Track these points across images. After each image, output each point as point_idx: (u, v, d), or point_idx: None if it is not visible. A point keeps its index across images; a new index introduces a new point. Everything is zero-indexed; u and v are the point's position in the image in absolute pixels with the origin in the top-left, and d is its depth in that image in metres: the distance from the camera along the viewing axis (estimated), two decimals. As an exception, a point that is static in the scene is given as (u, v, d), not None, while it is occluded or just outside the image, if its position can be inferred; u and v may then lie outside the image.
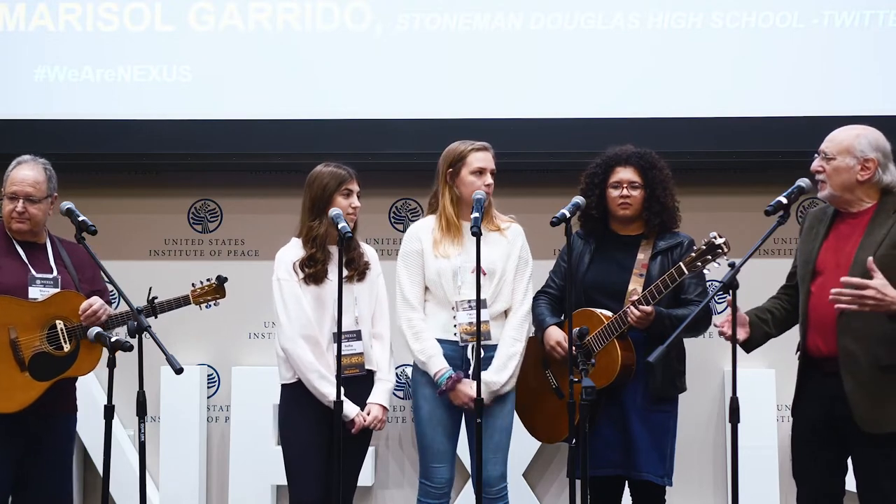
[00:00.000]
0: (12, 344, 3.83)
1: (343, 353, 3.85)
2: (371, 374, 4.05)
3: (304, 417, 3.95)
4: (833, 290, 3.44)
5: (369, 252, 4.15)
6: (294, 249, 4.04)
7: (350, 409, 3.92)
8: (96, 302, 3.94)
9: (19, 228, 3.96)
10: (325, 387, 3.89)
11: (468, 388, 3.94)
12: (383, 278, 4.15)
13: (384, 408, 4.03)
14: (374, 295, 4.09)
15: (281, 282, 3.99)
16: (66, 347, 3.91)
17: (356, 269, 4.03)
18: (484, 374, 3.94)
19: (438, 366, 4.00)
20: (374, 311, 4.09)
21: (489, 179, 4.05)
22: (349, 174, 4.04)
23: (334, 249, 3.95)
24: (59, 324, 3.90)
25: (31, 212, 3.93)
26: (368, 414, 3.98)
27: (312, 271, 3.97)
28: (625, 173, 4.09)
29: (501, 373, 4.01)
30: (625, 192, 4.07)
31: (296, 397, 3.97)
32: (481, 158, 4.07)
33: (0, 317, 3.82)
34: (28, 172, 3.96)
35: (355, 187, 4.04)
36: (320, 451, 3.92)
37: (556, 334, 4.10)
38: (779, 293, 3.87)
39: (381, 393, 4.04)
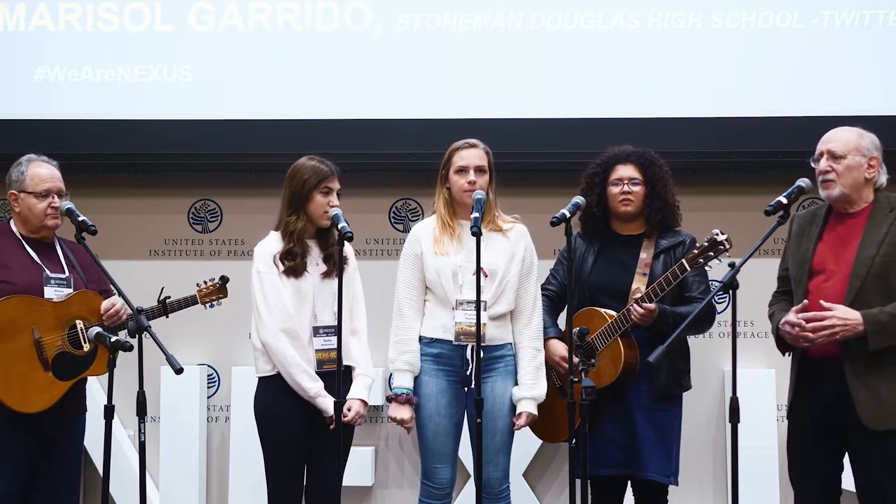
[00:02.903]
0: (36, 344, 3.83)
1: (321, 347, 3.87)
2: (349, 369, 4.03)
3: (285, 413, 3.91)
4: (798, 335, 3.53)
5: (345, 248, 4.12)
6: (273, 243, 4.00)
7: (329, 404, 3.87)
8: (118, 302, 3.94)
9: (55, 225, 3.96)
10: (307, 381, 3.87)
11: (405, 412, 3.98)
12: (359, 274, 4.13)
13: (364, 402, 4.02)
14: (351, 290, 4.06)
15: (261, 274, 3.95)
16: (86, 347, 3.91)
17: (334, 264, 4.01)
18: (521, 392, 3.99)
19: (400, 381, 4.02)
20: (350, 306, 4.07)
21: (472, 177, 4.02)
22: (331, 171, 4.00)
23: (313, 244, 3.97)
24: (79, 324, 3.91)
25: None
26: (349, 409, 3.95)
27: (291, 265, 3.94)
28: (625, 170, 4.10)
29: (537, 386, 4.03)
30: (626, 188, 4.08)
31: (274, 391, 3.93)
32: (463, 157, 4.06)
33: (25, 317, 3.82)
34: (52, 169, 3.98)
35: (336, 185, 4.00)
36: (300, 448, 3.91)
37: (559, 348, 4.11)
38: (780, 300, 3.84)
39: (361, 388, 4.02)
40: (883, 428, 3.51)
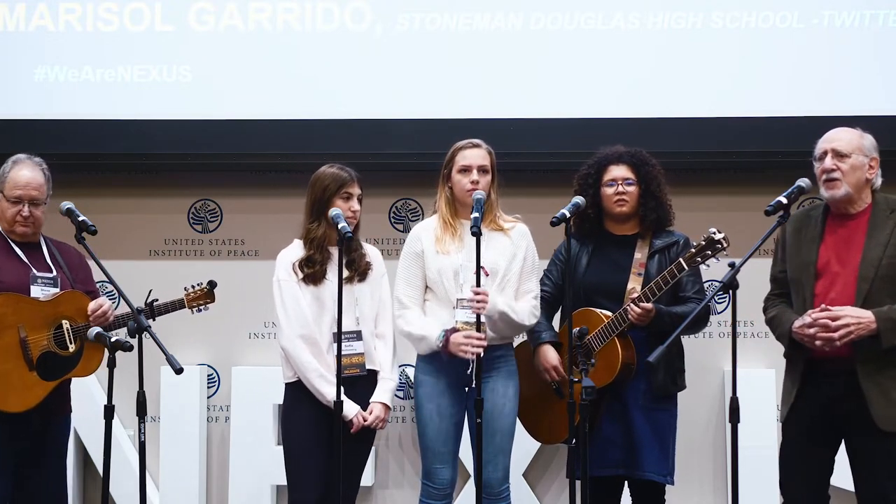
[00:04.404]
0: (22, 343, 3.82)
1: (343, 353, 3.84)
2: (373, 373, 4.06)
3: (306, 416, 3.96)
4: (817, 336, 3.51)
5: (372, 253, 4.15)
6: (295, 250, 4.05)
7: (350, 408, 3.92)
8: (105, 303, 3.95)
9: (24, 232, 3.93)
10: (325, 386, 3.90)
11: (461, 336, 3.89)
12: (387, 278, 4.16)
13: (386, 407, 4.04)
14: (377, 295, 4.10)
15: (280, 282, 4.01)
16: (72, 347, 3.90)
17: (357, 269, 4.04)
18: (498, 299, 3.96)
19: (434, 331, 3.97)
20: (377, 311, 4.09)
21: (474, 177, 4.03)
22: (350, 177, 4.03)
23: (335, 251, 3.95)
24: (66, 324, 3.90)
25: (36, 215, 3.91)
26: (370, 413, 3.98)
27: (311, 272, 3.98)
28: (618, 171, 4.11)
29: (509, 303, 4.00)
30: (620, 188, 4.09)
31: (297, 396, 3.99)
32: (466, 156, 4.07)
33: (11, 315, 3.81)
34: (30, 174, 3.91)
35: (356, 190, 4.04)
36: (321, 450, 3.92)
37: (551, 357, 4.10)
38: (778, 302, 3.82)
39: (383, 392, 4.05)
40: (892, 429, 3.52)
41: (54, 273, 3.96)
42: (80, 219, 3.81)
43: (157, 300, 4.15)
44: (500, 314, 3.95)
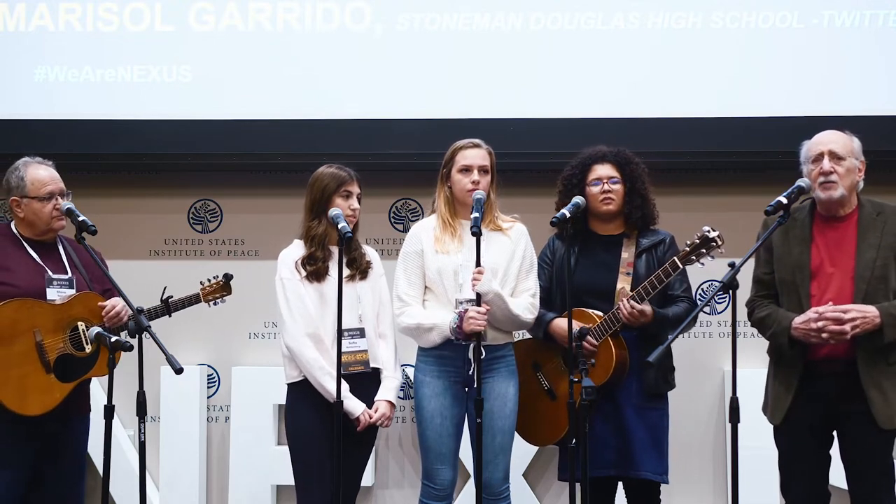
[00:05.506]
0: (38, 346, 3.83)
1: (346, 350, 3.87)
2: (377, 372, 4.07)
3: (311, 416, 3.96)
4: (826, 330, 3.51)
5: (371, 253, 4.17)
6: (296, 249, 4.06)
7: (356, 406, 3.94)
8: (119, 303, 3.94)
9: (61, 226, 3.97)
10: (331, 384, 3.88)
11: (472, 311, 3.86)
12: (385, 279, 4.16)
13: (392, 405, 4.05)
14: (377, 294, 4.11)
15: (284, 281, 4.01)
16: (88, 349, 3.91)
17: (358, 268, 4.06)
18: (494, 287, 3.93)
19: (445, 318, 3.96)
20: (378, 311, 4.10)
21: (475, 177, 4.03)
22: (350, 176, 4.05)
23: (335, 249, 3.96)
24: (81, 325, 3.90)
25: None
26: (376, 411, 3.99)
27: (313, 269, 3.99)
28: (603, 170, 4.12)
29: (503, 294, 3.96)
30: (605, 186, 4.09)
31: (302, 396, 3.98)
32: (467, 156, 4.07)
33: (26, 320, 3.82)
34: (47, 170, 3.97)
35: (355, 189, 4.05)
36: (327, 450, 3.92)
37: (566, 325, 4.07)
38: (768, 304, 3.81)
39: (388, 390, 4.06)
40: (890, 427, 3.55)
41: (70, 274, 3.97)
42: (80, 219, 3.81)
43: (171, 296, 4.16)
44: (495, 294, 3.93)
